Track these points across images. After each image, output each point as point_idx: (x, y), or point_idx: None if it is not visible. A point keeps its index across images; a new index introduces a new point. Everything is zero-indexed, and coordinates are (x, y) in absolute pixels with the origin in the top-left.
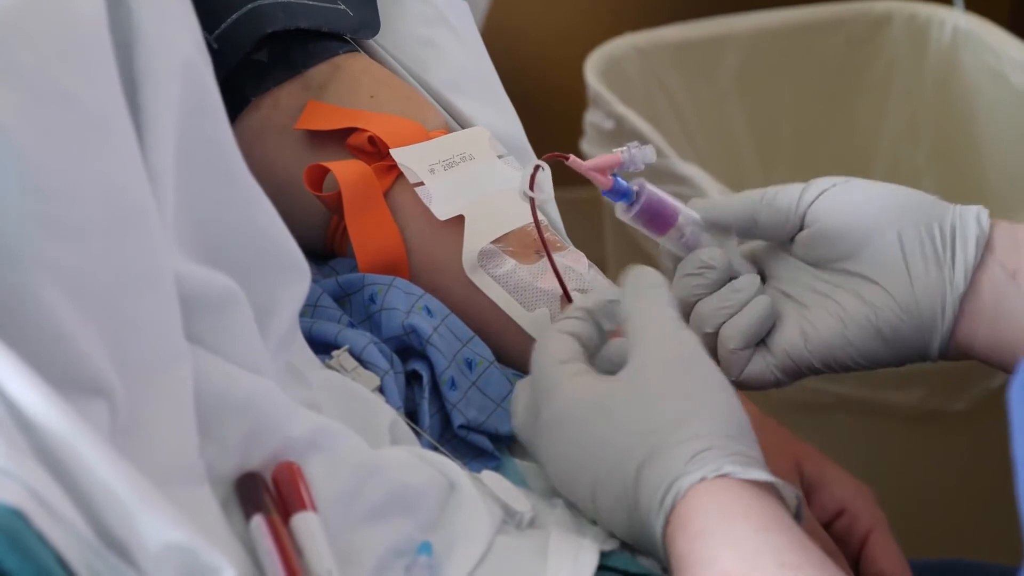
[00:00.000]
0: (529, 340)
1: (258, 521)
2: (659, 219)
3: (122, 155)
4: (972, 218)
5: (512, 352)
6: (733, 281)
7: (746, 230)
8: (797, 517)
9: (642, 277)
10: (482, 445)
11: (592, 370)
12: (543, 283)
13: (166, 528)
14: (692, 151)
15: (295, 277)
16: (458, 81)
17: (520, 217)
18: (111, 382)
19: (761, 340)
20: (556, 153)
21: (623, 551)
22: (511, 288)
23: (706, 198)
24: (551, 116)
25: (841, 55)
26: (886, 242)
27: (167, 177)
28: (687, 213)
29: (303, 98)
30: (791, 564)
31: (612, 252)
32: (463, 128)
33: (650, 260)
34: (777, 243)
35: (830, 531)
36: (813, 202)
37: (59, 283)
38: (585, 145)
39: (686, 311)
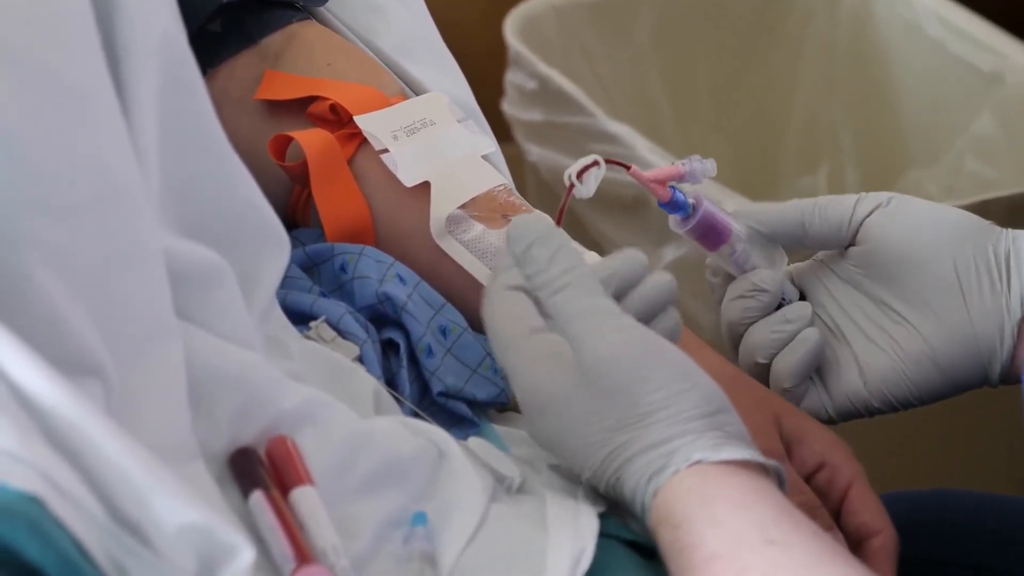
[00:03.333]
0: None
1: (258, 497)
2: (712, 234)
3: (108, 131)
4: None
5: (481, 318)
6: (784, 309)
7: (796, 239)
8: (781, 484)
9: (541, 246)
10: (461, 412)
11: (547, 339)
12: None
13: (181, 508)
14: (611, 109)
15: (276, 249)
16: (408, 46)
17: (485, 181)
18: (104, 361)
19: (815, 374)
20: (617, 161)
21: (613, 515)
22: (480, 253)
23: (755, 205)
24: (469, 77)
25: (755, 9)
26: (941, 270)
27: (151, 152)
28: (738, 229)
29: (259, 68)
30: (778, 539)
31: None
32: (416, 94)
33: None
34: (825, 258)
35: (811, 484)
36: (867, 216)
37: (50, 263)
38: (506, 106)
39: (737, 333)
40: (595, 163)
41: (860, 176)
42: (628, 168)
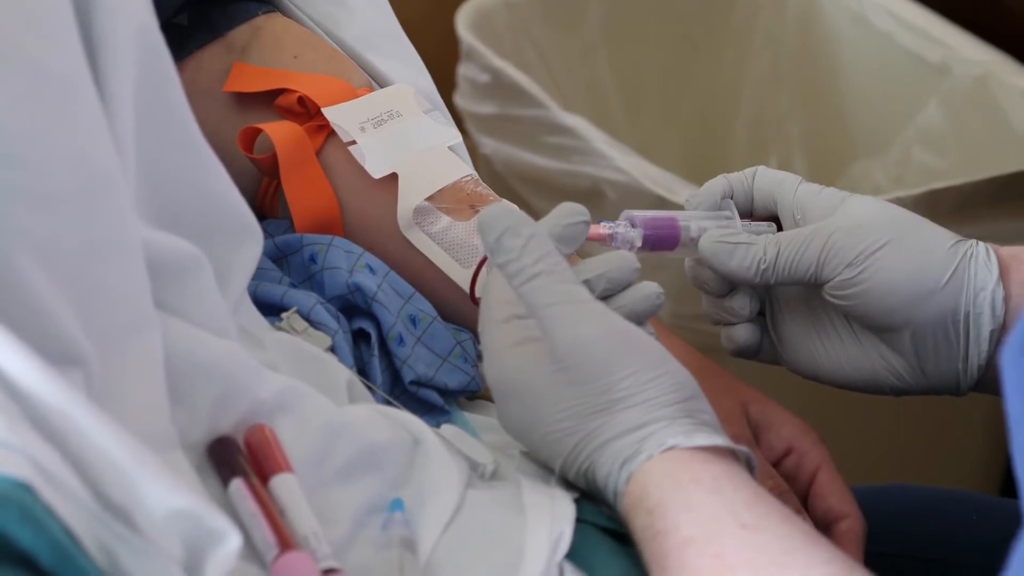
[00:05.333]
0: (465, 296)
1: (238, 484)
2: (665, 242)
3: (89, 122)
4: (987, 307)
5: (449, 308)
6: (730, 300)
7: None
8: (751, 470)
9: (513, 236)
10: (432, 400)
11: (522, 326)
12: (479, 239)
13: (169, 495)
14: (561, 102)
15: (249, 240)
16: (370, 38)
17: (453, 172)
18: (85, 351)
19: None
20: None
21: (587, 501)
22: (447, 245)
23: (715, 250)
24: None
25: (702, 1)
26: (899, 339)
27: (129, 143)
28: (686, 226)
29: (226, 61)
30: (751, 524)
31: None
32: (381, 86)
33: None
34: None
35: (778, 470)
36: (833, 278)
37: (33, 252)
38: (458, 99)
39: None
40: (483, 262)
41: (808, 167)
42: None
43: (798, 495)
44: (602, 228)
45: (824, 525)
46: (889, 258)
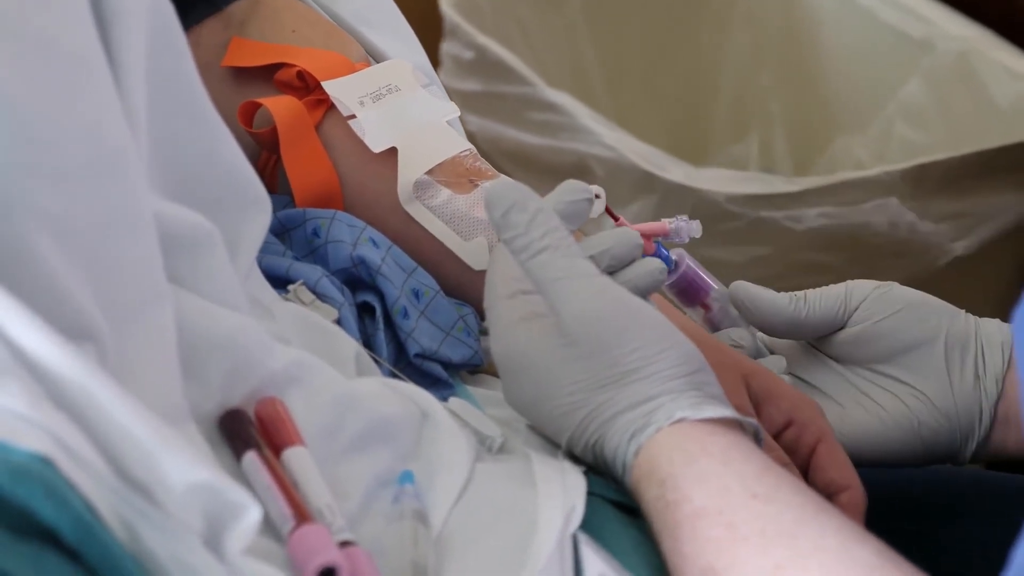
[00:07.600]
0: (467, 269)
1: (251, 457)
2: (692, 292)
3: (102, 97)
4: (995, 325)
5: (450, 282)
6: (763, 361)
7: (792, 328)
8: (757, 442)
9: (520, 211)
10: (437, 373)
11: (528, 301)
12: (479, 212)
13: (189, 468)
14: (544, 80)
15: (258, 210)
16: (366, 14)
17: (452, 146)
18: (98, 325)
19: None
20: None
21: (594, 474)
22: (447, 218)
23: (748, 290)
24: None
25: None
26: (931, 351)
27: (141, 117)
28: (716, 291)
29: (224, 35)
30: (762, 494)
31: None
32: (378, 62)
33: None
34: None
35: (779, 442)
36: (858, 307)
37: (47, 229)
38: (442, 76)
39: None
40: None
41: (790, 143)
42: (617, 220)
43: (799, 467)
44: (663, 224)
45: (825, 497)
46: (910, 290)
